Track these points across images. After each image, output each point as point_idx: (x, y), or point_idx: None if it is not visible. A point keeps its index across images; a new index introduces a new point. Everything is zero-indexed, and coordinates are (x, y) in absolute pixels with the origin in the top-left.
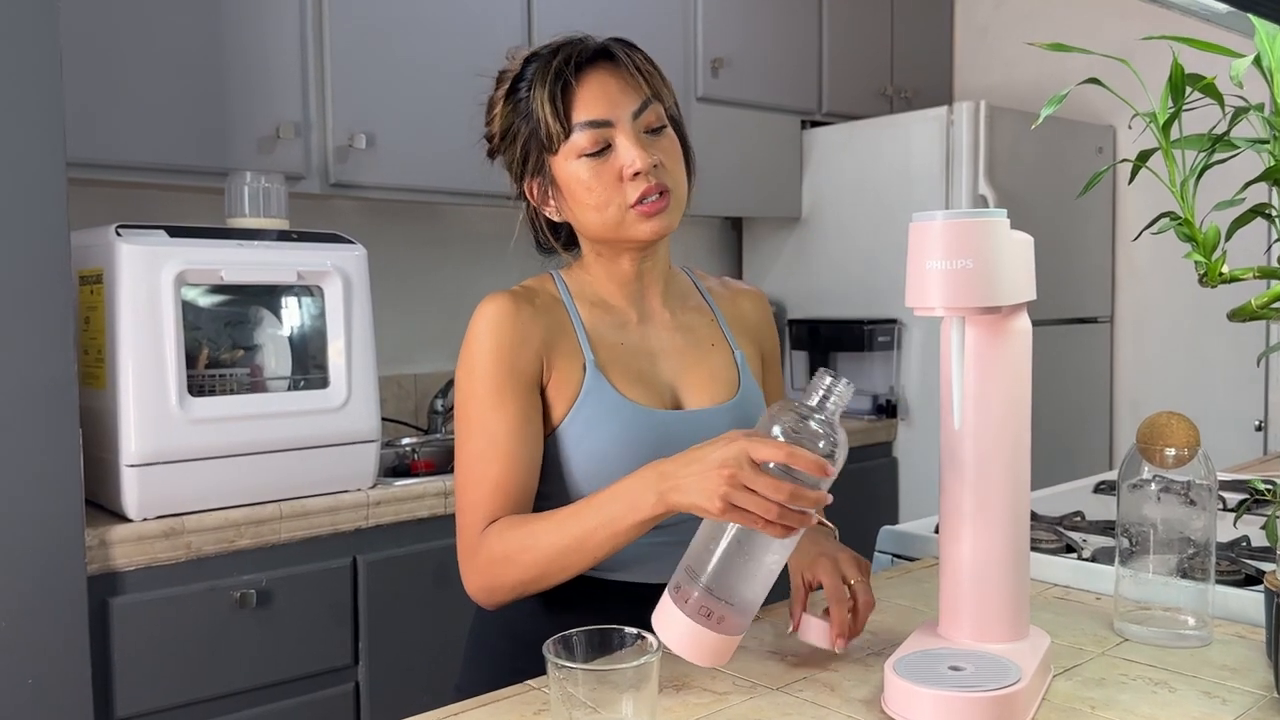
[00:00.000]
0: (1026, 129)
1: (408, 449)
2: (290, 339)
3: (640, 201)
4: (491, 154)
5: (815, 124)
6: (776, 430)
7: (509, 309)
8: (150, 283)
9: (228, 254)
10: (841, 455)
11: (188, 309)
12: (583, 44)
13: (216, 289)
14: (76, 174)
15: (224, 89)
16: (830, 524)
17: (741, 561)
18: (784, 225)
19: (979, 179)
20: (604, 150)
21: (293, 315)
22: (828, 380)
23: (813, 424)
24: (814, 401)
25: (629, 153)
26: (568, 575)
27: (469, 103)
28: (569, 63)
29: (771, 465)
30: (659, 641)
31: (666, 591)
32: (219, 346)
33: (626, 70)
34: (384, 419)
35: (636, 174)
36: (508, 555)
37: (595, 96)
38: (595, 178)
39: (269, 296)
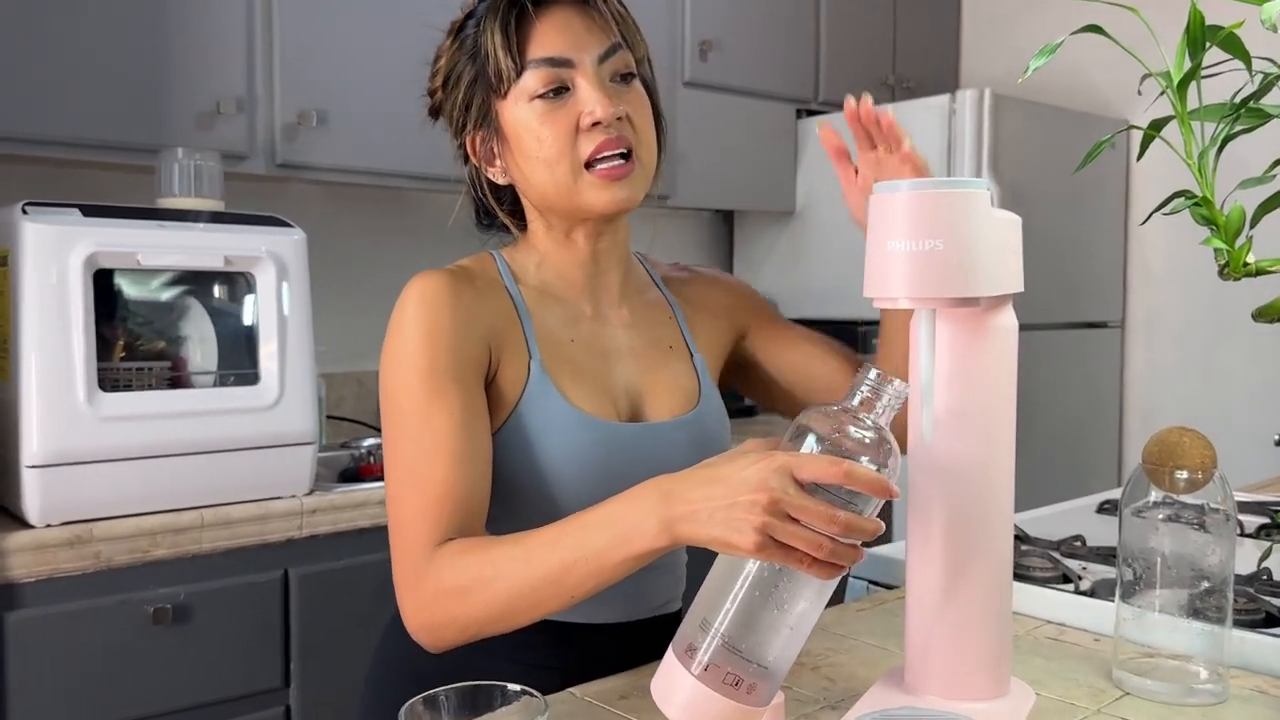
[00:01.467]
0: (1034, 120)
1: (364, 451)
2: (219, 331)
3: (597, 161)
4: (434, 112)
5: (811, 113)
6: (812, 441)
7: (447, 288)
8: (58, 265)
9: (147, 236)
10: (896, 472)
11: (106, 296)
12: None
13: (140, 275)
14: None
15: (159, 58)
16: None
17: (773, 611)
18: (777, 219)
19: (982, 171)
20: (560, 93)
21: (223, 305)
22: (874, 374)
23: (862, 432)
24: (857, 402)
25: (589, 96)
26: (538, 616)
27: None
28: None
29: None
30: (545, 702)
31: (671, 652)
32: (140, 338)
33: (595, 9)
34: (341, 419)
35: (596, 124)
36: (462, 587)
37: (556, 30)
38: (547, 125)
39: (198, 284)
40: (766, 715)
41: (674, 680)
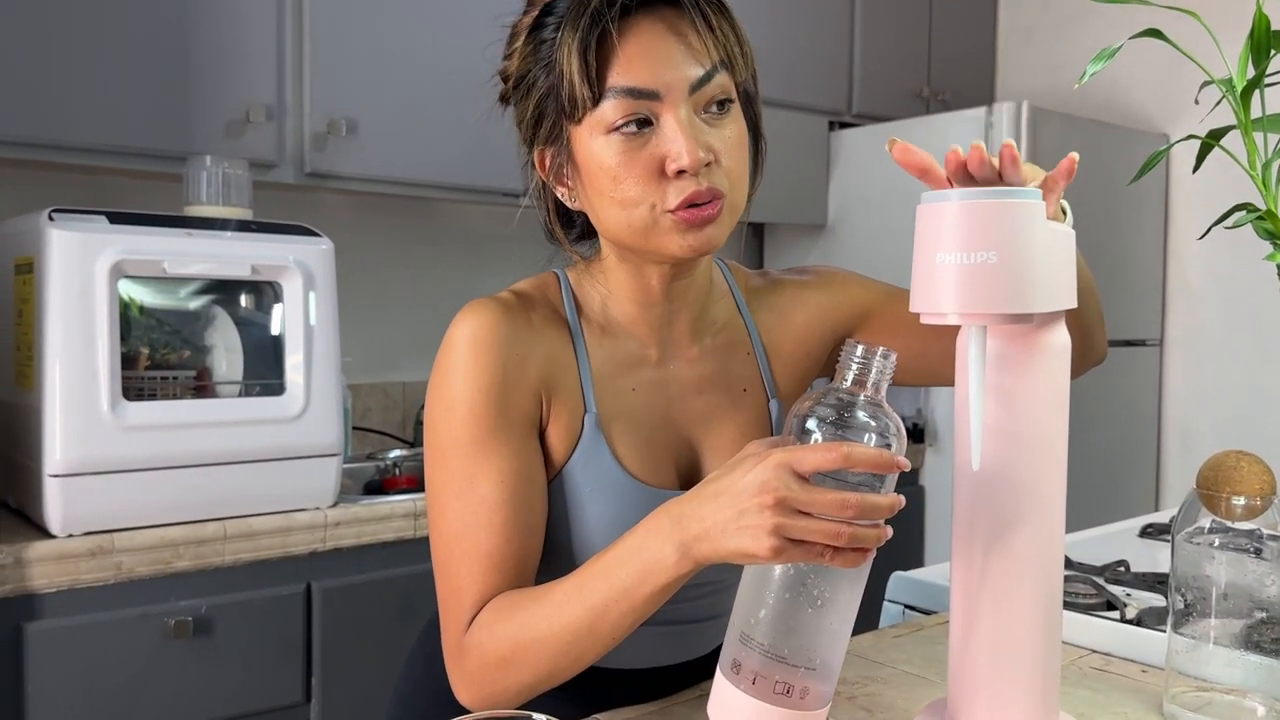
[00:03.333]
0: (1072, 134)
1: (390, 463)
2: (245, 340)
3: (681, 207)
4: (504, 99)
5: (844, 125)
6: (812, 426)
7: (499, 329)
8: (83, 273)
9: (173, 244)
10: (901, 443)
11: (132, 304)
12: None
13: (166, 283)
14: (9, 154)
15: (188, 65)
16: None
17: (811, 611)
18: (808, 233)
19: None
20: (642, 126)
21: (250, 314)
22: (859, 349)
23: (859, 412)
24: (849, 381)
25: (675, 140)
26: (584, 665)
27: (464, 87)
28: (614, 3)
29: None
30: None
31: (720, 673)
32: (165, 347)
33: (692, 23)
34: (367, 430)
35: (681, 172)
36: (503, 658)
37: (643, 54)
38: (625, 165)
39: (225, 293)
40: None
41: (726, 700)
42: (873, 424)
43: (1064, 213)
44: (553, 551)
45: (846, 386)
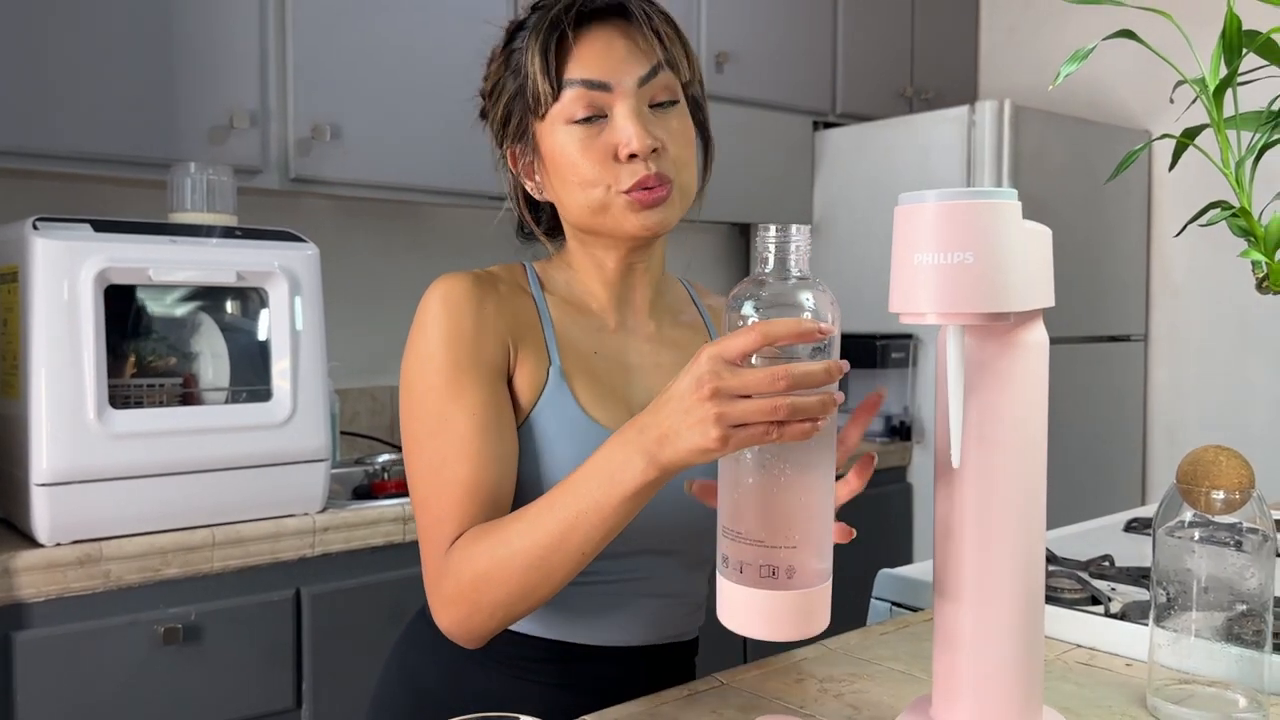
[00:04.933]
0: (1055, 132)
1: (378, 467)
2: (231, 346)
3: (634, 189)
4: (483, 114)
5: (828, 125)
6: (748, 311)
7: (469, 289)
8: (69, 281)
9: (158, 251)
10: (835, 315)
11: (117, 312)
12: None
13: (152, 290)
14: None
15: (171, 71)
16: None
17: (777, 490)
18: None
19: (1002, 184)
20: (597, 119)
21: (236, 320)
22: (771, 230)
23: (788, 292)
24: (770, 265)
25: (625, 128)
26: (554, 585)
27: (448, 91)
28: (570, 11)
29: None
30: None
31: (718, 572)
32: (151, 354)
33: (640, 29)
34: (355, 435)
35: (632, 156)
36: (478, 574)
37: (595, 53)
38: (583, 152)
39: (210, 300)
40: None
41: (724, 596)
42: (805, 300)
43: None
44: (523, 495)
45: (770, 269)
